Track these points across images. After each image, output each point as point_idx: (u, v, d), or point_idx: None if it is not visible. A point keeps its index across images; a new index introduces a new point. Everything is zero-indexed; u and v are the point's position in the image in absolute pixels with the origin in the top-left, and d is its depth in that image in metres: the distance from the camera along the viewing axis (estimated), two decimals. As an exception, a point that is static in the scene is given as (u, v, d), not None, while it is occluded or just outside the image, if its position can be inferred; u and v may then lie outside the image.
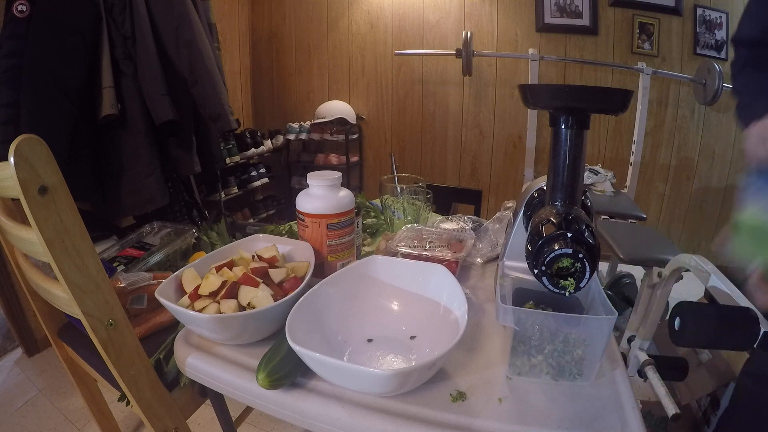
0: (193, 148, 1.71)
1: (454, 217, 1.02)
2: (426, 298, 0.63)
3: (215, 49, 1.74)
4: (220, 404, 0.73)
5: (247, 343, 0.59)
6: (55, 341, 0.90)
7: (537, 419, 0.47)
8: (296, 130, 2.86)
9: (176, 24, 1.49)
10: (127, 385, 0.59)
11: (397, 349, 0.58)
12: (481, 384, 0.52)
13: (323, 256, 0.73)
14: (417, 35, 2.72)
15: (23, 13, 1.24)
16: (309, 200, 0.71)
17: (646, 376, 0.77)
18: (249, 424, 1.36)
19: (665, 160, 2.52)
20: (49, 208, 0.48)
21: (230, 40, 2.88)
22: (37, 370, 1.63)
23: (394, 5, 2.71)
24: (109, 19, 1.41)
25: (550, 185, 0.54)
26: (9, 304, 1.63)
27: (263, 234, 0.81)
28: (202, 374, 0.57)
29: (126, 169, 1.51)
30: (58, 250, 0.49)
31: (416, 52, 2.70)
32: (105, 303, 0.55)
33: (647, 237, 1.71)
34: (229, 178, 2.62)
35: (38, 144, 0.46)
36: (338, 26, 2.87)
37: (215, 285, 0.59)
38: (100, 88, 1.40)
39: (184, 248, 0.98)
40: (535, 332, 0.51)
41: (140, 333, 0.73)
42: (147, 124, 1.51)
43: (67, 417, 1.40)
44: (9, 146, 0.44)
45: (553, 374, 0.52)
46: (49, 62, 1.26)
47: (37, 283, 0.67)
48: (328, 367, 0.47)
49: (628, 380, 0.53)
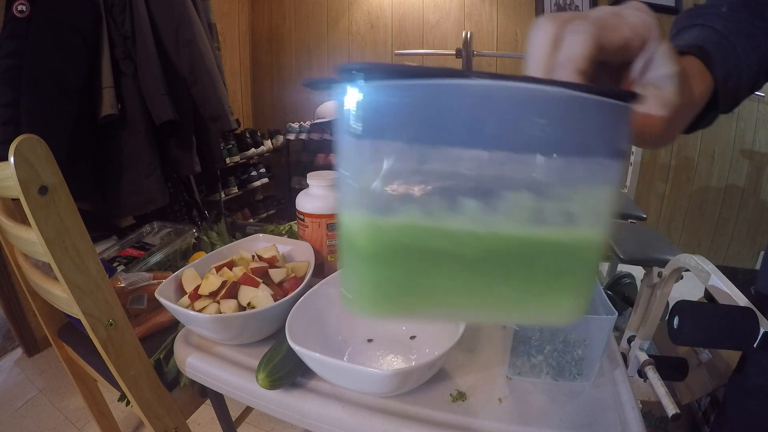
0: (193, 148, 1.71)
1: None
2: (426, 298, 0.62)
3: (215, 49, 1.74)
4: (220, 404, 0.73)
5: (247, 343, 0.59)
6: (55, 341, 0.90)
7: (537, 419, 0.47)
8: (296, 130, 2.86)
9: (176, 24, 1.49)
10: (127, 385, 0.59)
11: (397, 349, 0.58)
12: (481, 384, 0.52)
13: (323, 256, 0.73)
14: (417, 35, 2.72)
15: (23, 13, 1.24)
16: (309, 200, 0.71)
17: (646, 376, 0.77)
18: (249, 424, 1.36)
19: (665, 160, 2.52)
20: (49, 208, 0.48)
21: (230, 40, 2.88)
22: (37, 370, 1.63)
23: (394, 5, 2.71)
24: (109, 19, 1.41)
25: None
26: (9, 304, 1.63)
27: (263, 234, 0.81)
28: (202, 374, 0.57)
29: (126, 169, 1.51)
30: (58, 250, 0.49)
31: (416, 52, 2.70)
32: (105, 303, 0.55)
33: (647, 237, 1.71)
34: (229, 178, 2.62)
35: (38, 144, 0.46)
36: (338, 26, 2.87)
37: (215, 285, 0.59)
38: (100, 88, 1.40)
39: (184, 248, 0.98)
40: (535, 332, 0.51)
41: (140, 333, 0.73)
42: (147, 124, 1.51)
43: (67, 417, 1.40)
44: (9, 146, 0.44)
45: (553, 374, 0.52)
46: (49, 62, 1.26)
47: (37, 283, 0.67)
48: (328, 367, 0.47)
49: (628, 380, 0.53)
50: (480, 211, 0.20)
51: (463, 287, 0.22)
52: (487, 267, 0.21)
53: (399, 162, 0.19)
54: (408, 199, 0.20)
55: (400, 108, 0.18)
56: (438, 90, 0.18)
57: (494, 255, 0.21)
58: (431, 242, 0.20)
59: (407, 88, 0.18)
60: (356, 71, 0.18)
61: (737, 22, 0.33)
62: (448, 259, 0.21)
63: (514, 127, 0.19)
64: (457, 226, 0.20)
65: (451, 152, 0.19)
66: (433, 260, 0.21)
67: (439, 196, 0.20)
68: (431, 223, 0.20)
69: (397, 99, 0.18)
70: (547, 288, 0.22)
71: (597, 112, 0.20)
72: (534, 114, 0.18)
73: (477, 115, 0.19)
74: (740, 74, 0.32)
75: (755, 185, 2.42)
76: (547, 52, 0.23)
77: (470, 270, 0.21)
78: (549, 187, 0.20)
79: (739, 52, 0.32)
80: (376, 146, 0.19)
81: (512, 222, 0.20)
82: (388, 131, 0.19)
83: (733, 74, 0.32)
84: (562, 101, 0.18)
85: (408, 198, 0.20)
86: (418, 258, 0.21)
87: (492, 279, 0.21)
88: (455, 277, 0.21)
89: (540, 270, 0.21)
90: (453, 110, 0.19)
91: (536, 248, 0.21)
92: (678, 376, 0.79)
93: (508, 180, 0.20)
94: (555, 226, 0.20)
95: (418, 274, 0.21)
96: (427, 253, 0.20)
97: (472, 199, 0.20)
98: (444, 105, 0.18)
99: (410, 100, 0.18)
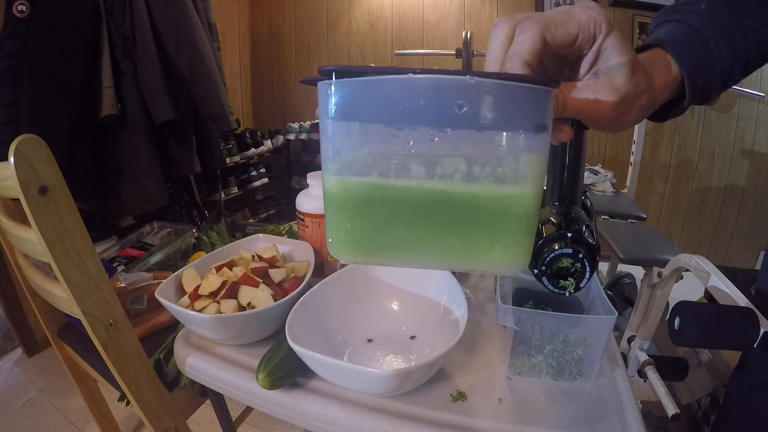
0: (193, 148, 1.71)
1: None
2: (426, 298, 0.63)
3: (215, 49, 1.74)
4: (220, 404, 0.73)
5: (247, 343, 0.59)
6: (55, 341, 0.90)
7: (537, 419, 0.47)
8: (296, 130, 2.86)
9: (176, 24, 1.49)
10: (127, 385, 0.59)
11: (397, 349, 0.58)
12: (481, 384, 0.52)
13: (323, 256, 0.73)
14: (417, 35, 2.72)
15: (23, 13, 1.24)
16: (309, 200, 0.71)
17: (646, 376, 0.77)
18: (249, 424, 1.36)
19: (665, 160, 2.52)
20: (49, 208, 0.48)
21: (230, 40, 2.88)
22: (37, 370, 1.63)
23: (394, 5, 2.71)
24: (109, 19, 1.41)
25: (549, 185, 0.54)
26: (9, 304, 1.63)
27: (263, 234, 0.81)
28: (202, 374, 0.57)
29: (126, 169, 1.51)
30: (58, 250, 0.49)
31: (416, 52, 2.70)
32: (105, 303, 0.55)
33: (647, 237, 1.71)
34: (229, 178, 2.62)
35: (38, 144, 0.46)
36: (338, 26, 2.87)
37: (215, 285, 0.59)
38: (100, 88, 1.40)
39: (184, 248, 0.98)
40: (535, 332, 0.51)
41: (140, 333, 0.73)
42: (147, 124, 1.51)
43: (67, 417, 1.40)
44: (9, 146, 0.44)
45: (553, 374, 0.52)
46: (49, 62, 1.26)
47: (37, 283, 0.67)
48: (328, 367, 0.47)
49: (628, 380, 0.53)
50: (424, 172, 0.25)
51: (418, 236, 0.27)
52: (435, 219, 0.26)
53: (363, 136, 0.26)
54: (370, 164, 0.26)
55: (361, 96, 0.25)
56: (386, 83, 0.24)
57: (439, 208, 0.26)
58: (388, 195, 0.26)
59: (364, 82, 0.24)
60: (330, 71, 0.24)
61: (713, 18, 0.34)
62: (403, 212, 0.26)
63: (447, 109, 0.24)
64: (406, 183, 0.26)
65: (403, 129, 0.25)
66: (391, 214, 0.26)
67: (395, 160, 0.25)
68: (386, 181, 0.26)
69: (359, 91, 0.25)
70: (487, 238, 0.27)
71: (519, 95, 0.24)
72: (459, 98, 0.24)
73: (418, 100, 0.24)
74: (712, 68, 0.33)
75: (755, 185, 2.42)
76: (501, 48, 0.28)
77: (422, 221, 0.26)
78: (481, 154, 0.25)
79: (712, 46, 0.33)
80: (346, 125, 0.26)
81: (450, 180, 0.25)
82: (354, 114, 0.25)
83: (704, 67, 0.33)
84: (490, 87, 0.23)
85: (370, 163, 0.26)
86: (380, 211, 0.26)
87: (440, 229, 0.26)
88: (411, 227, 0.26)
89: (479, 222, 0.26)
90: (401, 97, 0.24)
91: (473, 202, 0.26)
92: (678, 376, 0.79)
93: (447, 149, 0.25)
94: (485, 183, 0.25)
95: (381, 225, 0.27)
96: (387, 207, 0.26)
97: (419, 163, 0.25)
98: (395, 94, 0.24)
99: (368, 91, 0.24)
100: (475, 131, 0.24)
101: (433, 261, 0.28)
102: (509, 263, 0.27)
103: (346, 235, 0.27)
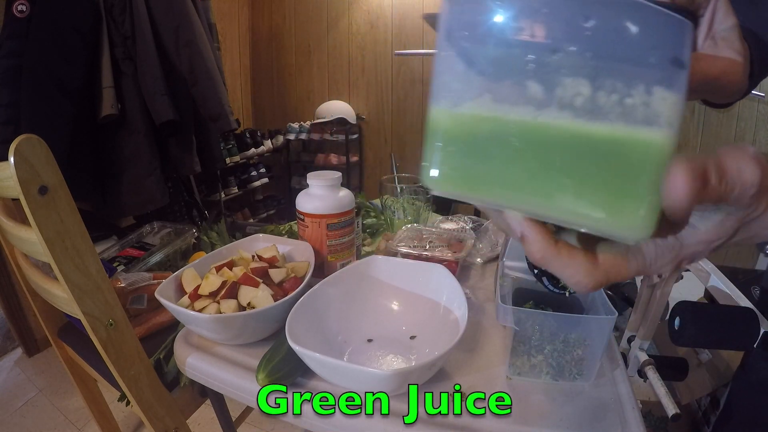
0: (193, 148, 1.71)
1: (454, 217, 1.02)
2: (426, 298, 0.63)
3: (215, 49, 1.74)
4: (220, 404, 0.73)
5: (247, 343, 0.59)
6: (55, 341, 0.90)
7: (537, 419, 0.47)
8: (296, 130, 2.86)
9: (176, 24, 1.49)
10: (127, 385, 0.59)
11: (397, 349, 0.58)
12: (481, 384, 0.52)
13: (323, 256, 0.73)
14: (417, 35, 2.72)
15: (23, 13, 1.24)
16: (309, 200, 0.71)
17: (646, 376, 0.77)
18: (249, 424, 1.37)
19: (665, 160, 2.52)
20: (49, 208, 0.48)
21: (230, 40, 2.88)
22: (37, 370, 1.63)
23: (394, 5, 2.71)
24: (109, 19, 1.41)
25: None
26: (9, 304, 1.63)
27: (263, 234, 0.81)
28: (202, 374, 0.57)
29: (126, 169, 1.51)
30: (58, 250, 0.49)
31: (416, 52, 2.70)
32: (105, 303, 0.55)
33: (647, 237, 1.71)
34: (229, 178, 2.62)
35: (38, 144, 0.46)
36: (338, 26, 2.87)
37: (215, 285, 0.59)
38: (100, 88, 1.40)
39: (184, 248, 0.98)
40: (535, 332, 0.51)
41: (140, 333, 0.73)
42: (147, 124, 1.51)
43: (67, 417, 1.40)
44: (9, 146, 0.44)
45: (553, 374, 0.52)
46: (49, 62, 1.26)
47: (37, 283, 0.67)
48: (328, 367, 0.47)
49: (628, 380, 0.53)
50: (541, 100, 0.22)
51: (530, 172, 0.23)
52: (549, 156, 0.22)
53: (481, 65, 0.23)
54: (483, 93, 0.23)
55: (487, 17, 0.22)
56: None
57: (554, 146, 0.22)
58: (501, 121, 0.23)
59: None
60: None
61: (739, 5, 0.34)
62: (514, 143, 0.23)
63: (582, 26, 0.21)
64: (519, 116, 0.22)
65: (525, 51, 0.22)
66: (500, 145, 0.23)
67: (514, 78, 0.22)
68: (500, 106, 0.23)
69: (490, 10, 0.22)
70: (607, 187, 0.22)
71: (657, 20, 0.21)
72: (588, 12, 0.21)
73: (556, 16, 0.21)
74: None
75: (755, 185, 2.42)
76: None
77: (535, 156, 0.23)
78: (608, 77, 0.21)
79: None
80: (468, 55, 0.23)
81: (571, 112, 0.21)
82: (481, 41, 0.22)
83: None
84: (629, 6, 0.21)
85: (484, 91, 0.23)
86: (489, 140, 0.23)
87: (553, 169, 0.23)
88: (520, 162, 0.23)
89: (599, 166, 0.22)
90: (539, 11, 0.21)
91: (594, 142, 0.22)
92: (678, 376, 0.79)
93: (572, 70, 0.21)
94: (611, 118, 0.21)
95: (486, 157, 0.23)
96: (497, 135, 0.23)
97: (537, 81, 0.22)
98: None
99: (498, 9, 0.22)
100: (604, 50, 0.21)
101: (541, 206, 0.24)
102: (633, 225, 0.23)
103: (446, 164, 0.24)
